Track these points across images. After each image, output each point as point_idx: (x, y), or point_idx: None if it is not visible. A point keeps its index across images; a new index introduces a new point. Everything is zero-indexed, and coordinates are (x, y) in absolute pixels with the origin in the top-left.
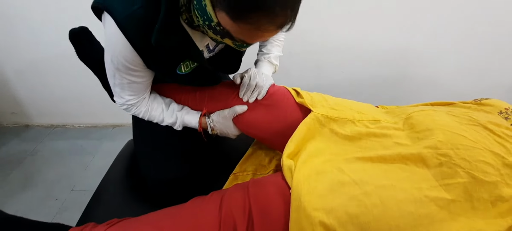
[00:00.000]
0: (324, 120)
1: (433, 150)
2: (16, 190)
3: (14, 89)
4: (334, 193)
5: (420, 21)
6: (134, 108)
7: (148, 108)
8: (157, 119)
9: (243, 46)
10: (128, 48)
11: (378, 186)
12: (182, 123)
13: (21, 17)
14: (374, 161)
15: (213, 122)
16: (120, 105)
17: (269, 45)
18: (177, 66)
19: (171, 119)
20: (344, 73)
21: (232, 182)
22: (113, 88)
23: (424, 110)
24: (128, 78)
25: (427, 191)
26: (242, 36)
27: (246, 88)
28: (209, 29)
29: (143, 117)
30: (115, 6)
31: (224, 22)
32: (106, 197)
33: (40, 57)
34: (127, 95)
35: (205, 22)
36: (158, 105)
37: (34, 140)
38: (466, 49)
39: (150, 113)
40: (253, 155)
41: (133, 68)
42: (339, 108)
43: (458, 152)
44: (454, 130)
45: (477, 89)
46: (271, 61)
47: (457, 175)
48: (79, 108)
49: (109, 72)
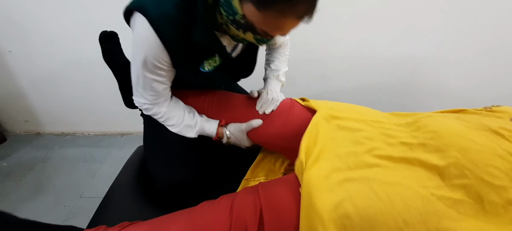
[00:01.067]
0: (330, 118)
1: (440, 152)
2: (27, 196)
3: (27, 98)
4: (343, 187)
5: (426, 28)
6: (155, 107)
7: (169, 109)
8: (175, 120)
9: (264, 40)
10: (159, 46)
11: (384, 182)
12: (200, 128)
13: (35, 28)
14: (381, 158)
15: (230, 133)
16: (139, 105)
17: (277, 61)
18: (201, 64)
19: (191, 121)
20: (349, 82)
21: (243, 187)
22: (136, 87)
23: (431, 116)
24: (153, 77)
25: (433, 190)
26: (265, 27)
27: (264, 103)
28: (232, 24)
29: (161, 117)
30: (148, 7)
31: (249, 13)
32: (115, 202)
33: (53, 67)
34: (148, 94)
35: (229, 17)
36: (179, 108)
37: (45, 147)
38: (473, 57)
39: (170, 113)
40: (263, 160)
41: (159, 67)
42: (343, 110)
43: (465, 154)
44: (461, 134)
45: (485, 97)
46: (279, 78)
47: (464, 176)
48: (89, 116)
49: (135, 72)
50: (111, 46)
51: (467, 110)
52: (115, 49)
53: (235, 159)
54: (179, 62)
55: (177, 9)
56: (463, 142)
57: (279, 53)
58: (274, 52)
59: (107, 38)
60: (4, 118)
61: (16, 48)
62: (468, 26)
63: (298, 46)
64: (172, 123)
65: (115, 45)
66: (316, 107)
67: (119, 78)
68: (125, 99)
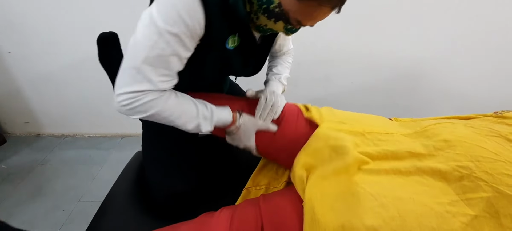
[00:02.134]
0: (333, 133)
1: (452, 162)
2: (25, 199)
3: (27, 99)
4: (349, 205)
5: (433, 30)
6: (161, 100)
7: (178, 100)
8: (189, 114)
9: (293, 30)
10: (198, 6)
11: (395, 197)
12: (217, 118)
13: (34, 29)
14: (389, 173)
15: (243, 121)
16: (131, 99)
17: (280, 66)
18: (227, 39)
19: (206, 111)
20: (354, 84)
21: (245, 197)
22: (141, 65)
23: (440, 123)
24: (175, 48)
25: (448, 206)
26: (299, 16)
27: (263, 109)
28: (263, 14)
29: (169, 115)
30: None
31: (286, 2)
32: (112, 209)
33: (53, 68)
34: (158, 75)
35: (262, 6)
36: (188, 98)
37: (44, 149)
38: (481, 59)
39: (181, 107)
40: (265, 167)
41: (190, 34)
42: (348, 122)
43: (479, 164)
44: (473, 141)
45: (493, 100)
46: (281, 81)
47: (479, 188)
48: (88, 118)
49: (144, 42)
50: (110, 49)
51: (475, 117)
52: (114, 51)
53: (235, 166)
54: (212, 27)
55: None
56: (475, 151)
57: (282, 59)
58: (277, 59)
59: (106, 40)
60: (4, 119)
61: (16, 49)
62: (476, 28)
63: (301, 48)
64: (187, 118)
65: (115, 47)
66: (319, 121)
67: (114, 81)
68: None
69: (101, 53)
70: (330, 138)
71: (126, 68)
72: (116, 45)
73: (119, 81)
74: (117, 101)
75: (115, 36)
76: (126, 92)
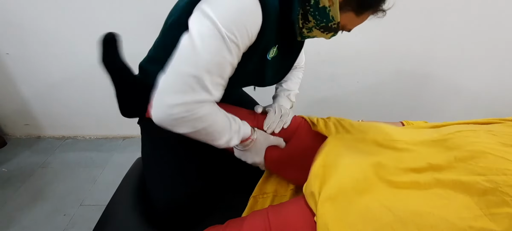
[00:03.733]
0: (345, 142)
1: (476, 176)
2: (26, 203)
3: (27, 101)
4: (365, 220)
5: (441, 28)
6: (214, 109)
7: (222, 113)
8: (221, 125)
9: (334, 35)
10: (258, 14)
11: (413, 212)
12: (242, 131)
13: (33, 30)
14: (407, 186)
15: (256, 137)
16: (198, 106)
17: (289, 82)
18: (269, 50)
19: (235, 124)
20: (360, 83)
21: (252, 206)
22: (202, 74)
23: (461, 131)
24: (233, 57)
25: (471, 221)
26: (352, 26)
27: (272, 121)
28: (319, 29)
29: (217, 123)
30: None
31: (346, 19)
32: (113, 221)
33: (52, 69)
34: (214, 84)
35: (319, 24)
36: (220, 110)
37: (45, 151)
38: (492, 57)
39: (217, 117)
40: (272, 175)
41: (246, 44)
42: (355, 131)
43: (506, 178)
44: (498, 153)
45: (504, 100)
46: (290, 98)
47: (504, 203)
48: (90, 119)
49: (208, 47)
50: (112, 50)
51: (496, 121)
52: (115, 53)
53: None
54: (261, 41)
55: None
56: (501, 163)
57: (292, 75)
58: (288, 74)
59: (109, 42)
60: (4, 121)
61: (14, 50)
62: (486, 26)
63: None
64: (221, 135)
65: (116, 48)
66: (326, 133)
67: (117, 84)
68: (122, 108)
69: (103, 55)
70: (339, 153)
71: (182, 75)
72: (116, 46)
73: (169, 88)
74: (168, 113)
75: (116, 38)
76: (183, 103)
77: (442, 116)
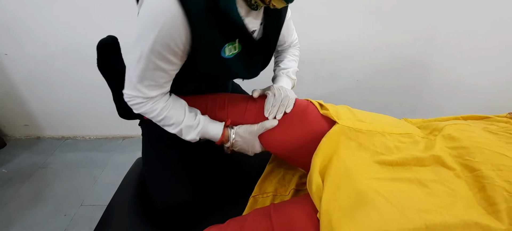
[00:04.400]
0: (351, 133)
1: (472, 173)
2: (26, 204)
3: (26, 101)
4: (370, 216)
5: (440, 25)
6: (149, 103)
7: (167, 105)
8: (174, 119)
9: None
10: (180, 19)
11: (421, 210)
12: (203, 129)
13: (31, 30)
14: (412, 181)
15: (237, 136)
16: (129, 100)
17: (286, 60)
18: (222, 48)
19: (192, 121)
20: (359, 81)
21: (252, 206)
22: (130, 78)
23: (457, 124)
24: (160, 64)
25: (477, 218)
26: None
27: (272, 105)
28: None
29: (157, 116)
30: None
31: None
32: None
33: (51, 69)
34: (144, 85)
35: None
36: (180, 106)
37: (45, 152)
38: (490, 55)
39: (168, 112)
40: (272, 173)
41: (173, 50)
42: (367, 121)
43: (501, 173)
44: (493, 148)
45: (503, 97)
46: (290, 75)
47: (502, 198)
48: (89, 119)
49: (135, 55)
50: (109, 55)
51: (491, 118)
52: (113, 57)
53: (240, 173)
54: (200, 41)
55: None
56: (496, 158)
57: (288, 53)
58: (283, 52)
59: (106, 47)
60: (4, 122)
61: (13, 51)
62: (484, 23)
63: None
64: (171, 122)
65: (114, 52)
66: (336, 118)
67: (114, 87)
68: (120, 110)
69: (99, 60)
70: (347, 137)
71: (128, 77)
72: (116, 50)
73: (126, 82)
74: (125, 99)
75: (115, 41)
76: (125, 93)
77: (441, 113)
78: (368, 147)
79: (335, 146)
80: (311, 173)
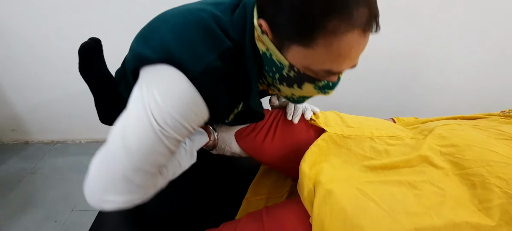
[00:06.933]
0: (340, 140)
1: (462, 171)
2: (15, 211)
3: (13, 105)
4: (362, 222)
5: (430, 24)
6: (160, 179)
7: (177, 161)
8: (172, 170)
9: (329, 86)
10: (199, 104)
11: (411, 214)
12: (194, 148)
13: (18, 34)
14: (402, 184)
15: (218, 132)
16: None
17: None
18: (227, 117)
19: (184, 153)
20: (351, 81)
21: (245, 209)
22: (133, 176)
23: (447, 124)
24: (171, 149)
25: (467, 217)
26: (324, 64)
27: (294, 109)
28: (282, 83)
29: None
30: (186, 59)
31: (297, 59)
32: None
33: (39, 71)
34: (150, 178)
35: (275, 76)
36: (181, 148)
37: (34, 157)
38: (482, 54)
39: (179, 162)
40: (265, 176)
41: (187, 130)
42: (355, 126)
43: (491, 169)
44: (483, 145)
45: (496, 96)
46: None
47: (494, 195)
48: (79, 123)
49: (142, 145)
50: (91, 59)
51: (482, 116)
52: (96, 61)
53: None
54: (214, 116)
55: (222, 60)
56: (486, 155)
57: None
58: None
59: (88, 50)
60: None
61: None
62: (475, 23)
63: None
64: (170, 174)
65: (96, 56)
66: (324, 126)
67: (97, 92)
68: (101, 115)
69: (81, 64)
70: (336, 144)
71: (113, 173)
72: (98, 53)
73: (100, 183)
74: (102, 206)
75: (97, 44)
76: (114, 201)
77: (431, 111)
78: (357, 152)
79: (325, 153)
80: (302, 179)
